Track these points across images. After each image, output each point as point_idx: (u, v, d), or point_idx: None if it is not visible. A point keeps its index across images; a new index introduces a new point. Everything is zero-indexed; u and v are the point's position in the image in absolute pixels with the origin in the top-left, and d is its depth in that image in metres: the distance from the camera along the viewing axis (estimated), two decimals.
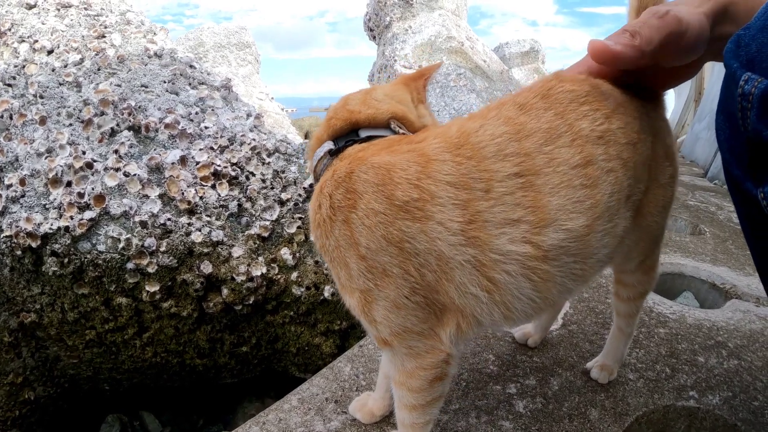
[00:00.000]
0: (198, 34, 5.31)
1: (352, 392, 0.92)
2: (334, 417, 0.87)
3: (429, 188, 0.53)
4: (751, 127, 0.47)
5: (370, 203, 0.54)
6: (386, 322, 0.57)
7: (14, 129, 1.48)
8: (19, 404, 1.58)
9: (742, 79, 0.47)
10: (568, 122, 0.58)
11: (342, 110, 0.64)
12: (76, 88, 1.47)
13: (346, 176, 0.57)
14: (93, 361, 1.51)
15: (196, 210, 1.21)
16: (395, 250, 0.54)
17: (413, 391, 0.62)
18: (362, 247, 0.55)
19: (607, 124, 0.60)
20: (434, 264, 0.54)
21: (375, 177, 0.54)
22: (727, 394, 1.02)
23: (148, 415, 1.68)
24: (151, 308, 1.27)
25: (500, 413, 0.88)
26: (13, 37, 1.69)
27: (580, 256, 0.57)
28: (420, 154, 0.56)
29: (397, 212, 0.53)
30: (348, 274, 0.57)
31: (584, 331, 1.14)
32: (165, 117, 1.31)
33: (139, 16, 1.64)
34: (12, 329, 1.48)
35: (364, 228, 0.54)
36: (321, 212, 0.58)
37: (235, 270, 1.19)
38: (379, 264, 0.55)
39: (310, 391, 0.92)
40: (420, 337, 0.58)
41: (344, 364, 0.99)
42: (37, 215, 1.32)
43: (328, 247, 0.59)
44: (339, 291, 0.62)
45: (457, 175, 0.54)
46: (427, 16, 2.95)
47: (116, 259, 1.24)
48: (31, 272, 1.38)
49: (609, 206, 0.58)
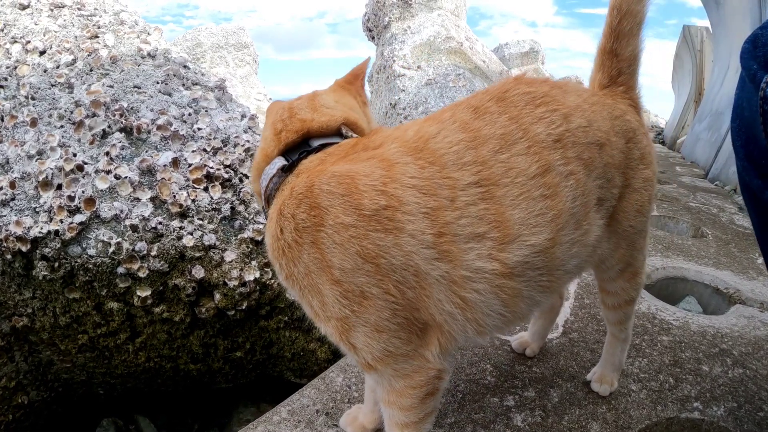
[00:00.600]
0: (196, 35, 5.26)
1: (344, 404, 0.88)
2: (324, 430, 0.83)
3: (396, 193, 0.50)
4: None
5: (338, 217, 0.50)
6: (367, 348, 0.53)
7: (5, 131, 1.44)
8: (12, 408, 1.55)
9: (764, 81, 0.43)
10: (523, 127, 0.55)
11: (293, 121, 0.59)
12: (68, 89, 1.44)
13: (307, 191, 0.52)
14: (86, 365, 1.47)
15: (188, 213, 1.18)
16: (372, 267, 0.50)
17: (404, 409, 0.58)
18: (336, 270, 0.50)
19: (566, 124, 0.57)
20: (412, 280, 0.51)
21: (339, 187, 0.50)
22: (732, 404, 0.98)
23: (143, 420, 1.64)
24: (143, 313, 1.24)
25: (498, 427, 0.84)
26: (5, 38, 1.65)
27: (546, 269, 0.56)
28: (381, 159, 0.53)
29: (368, 223, 0.49)
30: (321, 302, 0.52)
31: (585, 339, 1.10)
32: (157, 118, 1.27)
33: (133, 16, 1.60)
34: (4, 333, 1.45)
35: (336, 246, 0.50)
36: (284, 237, 0.52)
37: (227, 275, 1.15)
38: (355, 286, 0.50)
39: (301, 402, 0.88)
40: (405, 359, 0.54)
41: (336, 374, 0.95)
42: (27, 218, 1.28)
43: (296, 275, 0.53)
44: (312, 320, 0.57)
45: (421, 179, 0.51)
46: (426, 17, 2.90)
47: (107, 263, 1.20)
48: (22, 276, 1.34)
49: (573, 213, 0.56)
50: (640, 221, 0.71)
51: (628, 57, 0.70)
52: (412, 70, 2.64)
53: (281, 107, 0.62)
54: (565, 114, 0.58)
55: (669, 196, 2.77)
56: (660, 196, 2.71)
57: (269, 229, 0.56)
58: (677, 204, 2.58)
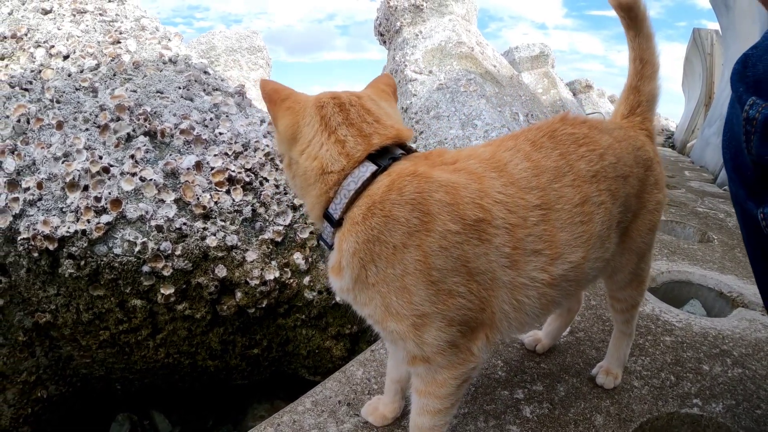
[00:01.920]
0: (210, 38, 5.41)
1: (364, 395, 0.96)
2: (346, 419, 0.91)
3: (489, 208, 0.60)
4: (754, 150, 0.50)
5: (446, 225, 0.57)
6: (435, 341, 0.61)
7: (31, 133, 1.53)
8: (31, 402, 1.63)
9: (747, 103, 0.50)
10: (570, 163, 0.67)
11: (385, 127, 0.63)
12: (92, 93, 1.52)
13: (419, 197, 0.57)
14: (106, 360, 1.56)
15: (211, 215, 1.26)
16: (465, 270, 0.59)
17: (440, 397, 0.67)
18: (435, 271, 0.58)
19: (600, 162, 0.70)
20: (489, 283, 0.61)
21: (446, 197, 0.58)
22: (731, 402, 1.05)
23: (158, 415, 1.73)
24: (165, 310, 1.32)
25: (508, 418, 0.92)
26: (29, 42, 1.74)
27: (575, 280, 0.68)
28: (470, 172, 0.62)
29: (469, 232, 0.58)
30: (407, 301, 0.59)
31: (591, 339, 1.18)
32: (180, 123, 1.36)
33: (153, 22, 1.69)
34: (26, 329, 1.53)
35: (441, 251, 0.57)
36: (388, 239, 0.57)
37: (248, 274, 1.24)
38: (447, 286, 0.59)
39: (324, 393, 0.97)
40: (457, 351, 0.63)
41: (356, 368, 1.03)
42: (54, 218, 1.37)
43: (388, 276, 0.58)
44: (377, 319, 0.63)
45: (506, 195, 0.61)
46: (438, 22, 3.00)
47: (132, 262, 1.28)
48: (48, 274, 1.42)
49: (600, 236, 0.68)
50: (651, 237, 0.85)
51: (647, 93, 0.86)
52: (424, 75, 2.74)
53: (349, 105, 0.63)
54: (601, 154, 0.70)
55: (677, 200, 2.84)
56: (668, 200, 2.79)
57: (355, 232, 0.59)
58: (685, 209, 2.66)
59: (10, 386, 1.57)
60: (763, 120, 0.48)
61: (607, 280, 0.89)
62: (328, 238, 0.65)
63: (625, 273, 0.85)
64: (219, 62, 5.17)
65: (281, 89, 0.67)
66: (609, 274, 0.85)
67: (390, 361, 0.86)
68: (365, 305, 0.63)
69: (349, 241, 0.60)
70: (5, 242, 1.40)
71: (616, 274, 0.85)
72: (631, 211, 0.77)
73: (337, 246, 0.63)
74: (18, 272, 1.43)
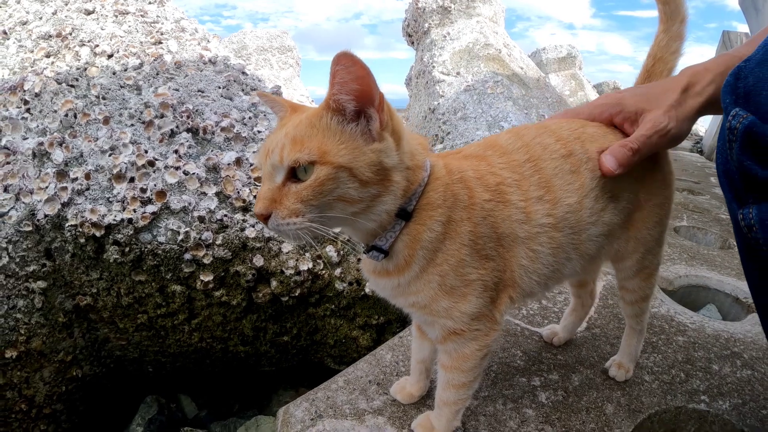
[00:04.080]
0: (241, 38, 5.67)
1: (393, 376, 1.09)
2: (376, 397, 1.04)
3: (499, 173, 0.75)
4: (735, 157, 0.60)
5: (482, 194, 0.72)
6: (472, 310, 0.73)
7: (78, 127, 1.69)
8: (66, 381, 1.79)
9: (730, 114, 0.60)
10: (552, 130, 0.82)
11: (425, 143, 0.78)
12: (137, 91, 1.68)
13: (462, 175, 0.72)
14: (141, 343, 1.71)
15: (249, 208, 1.40)
16: (495, 235, 0.73)
17: (465, 371, 0.79)
18: (479, 239, 0.71)
19: (582, 129, 0.83)
20: (510, 244, 0.74)
21: (473, 173, 0.73)
22: (737, 401, 1.15)
23: (185, 398, 1.88)
24: (203, 296, 1.47)
25: (524, 402, 1.04)
26: (74, 41, 1.91)
27: (576, 228, 0.79)
28: (472, 156, 0.78)
29: (496, 197, 0.72)
30: (461, 273, 0.71)
31: (606, 335, 1.30)
32: (221, 121, 1.51)
33: (192, 24, 1.85)
34: (67, 311, 1.69)
35: (482, 219, 0.71)
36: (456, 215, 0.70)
37: (284, 264, 1.38)
38: (485, 252, 0.72)
39: (355, 374, 1.10)
40: (483, 320, 0.76)
41: (386, 351, 1.16)
42: (101, 207, 1.52)
43: (451, 253, 0.70)
44: (426, 303, 0.73)
45: (503, 162, 0.77)
46: (465, 23, 3.12)
47: (175, 249, 1.43)
48: (92, 259, 1.58)
49: (592, 188, 0.80)
50: (658, 231, 0.93)
51: None
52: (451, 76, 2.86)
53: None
54: (583, 123, 0.85)
55: (701, 207, 2.92)
56: (691, 206, 2.87)
57: (435, 216, 0.68)
58: (708, 215, 2.74)
59: (47, 365, 1.73)
60: (743, 129, 0.57)
61: (615, 265, 0.98)
62: (386, 243, 0.69)
63: (633, 261, 0.94)
64: (250, 61, 5.38)
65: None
66: (614, 257, 0.94)
67: (414, 343, 0.99)
68: (418, 292, 0.72)
69: (429, 226, 0.68)
70: (52, 228, 1.55)
71: (623, 261, 0.94)
72: (631, 192, 0.86)
73: (407, 241, 0.69)
74: (63, 257, 1.59)
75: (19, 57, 1.93)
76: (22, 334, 1.58)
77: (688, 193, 3.35)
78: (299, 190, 0.61)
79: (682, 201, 3.03)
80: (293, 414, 1.00)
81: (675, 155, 5.78)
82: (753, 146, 0.57)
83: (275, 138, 0.64)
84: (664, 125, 0.77)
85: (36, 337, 1.64)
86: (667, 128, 0.77)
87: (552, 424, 0.99)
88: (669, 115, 0.78)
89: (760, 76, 0.57)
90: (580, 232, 0.80)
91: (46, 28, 1.98)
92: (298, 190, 0.61)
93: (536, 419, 1.00)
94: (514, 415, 1.01)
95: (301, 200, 0.60)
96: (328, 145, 0.61)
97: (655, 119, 0.78)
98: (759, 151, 0.57)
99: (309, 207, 0.61)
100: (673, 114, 0.78)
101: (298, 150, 0.60)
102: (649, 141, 0.78)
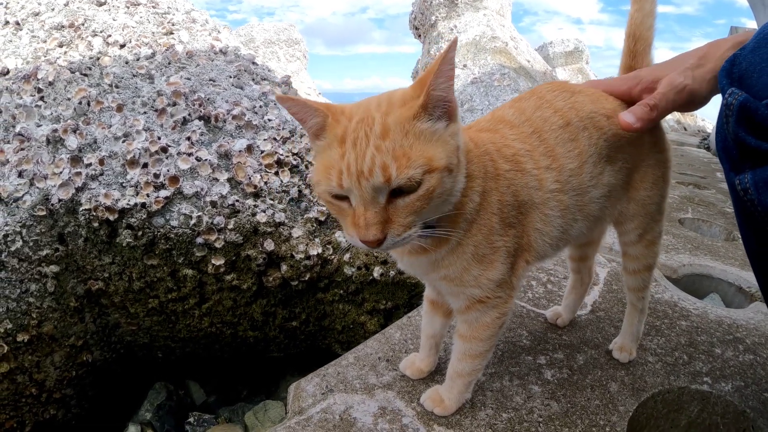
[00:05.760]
0: (249, 31, 5.76)
1: (402, 353, 1.14)
2: (386, 373, 1.09)
3: (511, 144, 0.81)
4: (731, 129, 0.67)
5: (503, 165, 0.77)
6: (497, 277, 0.78)
7: (92, 114, 1.74)
8: (76, 365, 1.84)
9: (726, 93, 0.67)
10: (548, 100, 0.87)
11: None
12: (149, 80, 1.73)
13: (486, 148, 0.77)
14: (151, 328, 1.76)
15: (260, 193, 1.45)
16: (516, 203, 0.78)
17: (483, 339, 0.85)
18: (505, 208, 0.76)
19: (574, 97, 0.88)
20: (528, 210, 0.79)
21: (492, 146, 0.79)
22: (740, 383, 1.19)
23: (193, 385, 1.93)
24: (214, 280, 1.52)
25: (530, 379, 1.08)
26: (86, 32, 1.97)
27: (579, 190, 0.85)
28: (487, 129, 0.84)
29: (514, 166, 0.78)
30: (490, 241, 0.76)
31: (611, 318, 1.34)
32: (232, 109, 1.56)
33: (203, 15, 1.90)
34: (78, 295, 1.74)
35: (506, 188, 0.77)
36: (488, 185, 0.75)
37: (294, 248, 1.43)
38: (508, 220, 0.77)
39: (365, 351, 1.15)
40: (504, 287, 0.81)
41: (395, 330, 1.21)
42: (115, 192, 1.57)
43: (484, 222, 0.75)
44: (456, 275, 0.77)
45: (513, 133, 0.83)
46: (472, 16, 3.18)
47: (187, 233, 1.48)
48: (105, 243, 1.63)
49: (591, 154, 0.86)
50: (656, 194, 0.97)
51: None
52: (458, 69, 2.92)
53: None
54: (573, 91, 0.90)
55: (706, 200, 2.96)
56: (697, 200, 2.92)
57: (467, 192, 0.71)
58: (713, 209, 2.78)
59: (58, 349, 1.78)
60: (738, 105, 0.64)
61: (619, 229, 1.02)
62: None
63: (635, 224, 0.98)
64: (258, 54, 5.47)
65: None
66: (617, 219, 0.99)
67: (425, 318, 1.03)
68: (452, 264, 0.75)
69: (470, 197, 0.72)
70: (66, 213, 1.61)
71: (626, 223, 0.99)
72: (626, 153, 0.91)
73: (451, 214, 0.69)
74: (76, 241, 1.64)
75: (32, 47, 1.98)
76: (34, 318, 1.63)
77: (694, 187, 3.39)
78: (410, 203, 0.60)
79: (688, 195, 3.07)
80: (305, 389, 1.05)
81: (682, 151, 5.82)
82: (747, 120, 0.64)
83: (360, 155, 0.59)
84: (680, 82, 0.81)
85: (47, 321, 1.69)
86: (684, 84, 0.81)
87: (557, 400, 1.03)
88: (685, 74, 0.81)
89: (752, 60, 0.65)
90: (583, 194, 0.86)
91: (58, 18, 2.03)
92: (410, 203, 0.60)
93: (542, 395, 1.04)
94: (520, 390, 1.05)
95: (413, 212, 0.61)
96: (430, 150, 0.60)
97: (671, 78, 0.82)
98: (752, 124, 0.63)
99: (420, 215, 0.62)
100: (689, 74, 0.81)
101: (407, 166, 0.58)
102: (665, 97, 0.82)
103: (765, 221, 0.64)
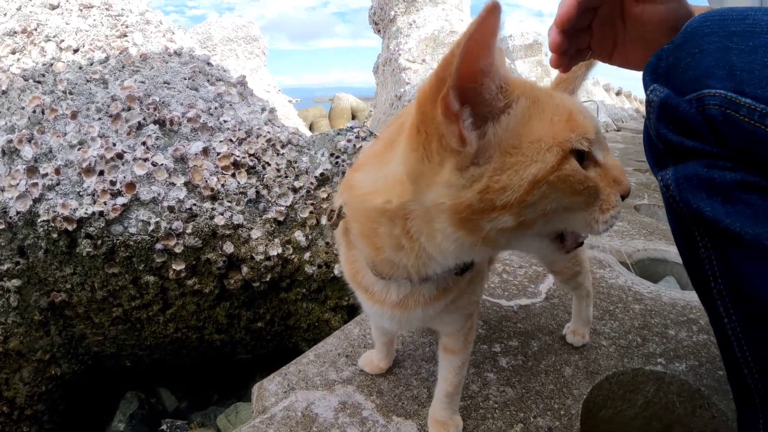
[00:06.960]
0: (206, 28, 5.67)
1: (361, 349, 1.16)
2: (345, 368, 1.11)
3: None
4: (653, 125, 0.68)
5: None
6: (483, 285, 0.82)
7: (46, 123, 1.72)
8: (45, 380, 1.82)
9: (649, 89, 0.68)
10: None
11: None
12: (103, 84, 1.72)
13: None
14: (117, 337, 1.75)
15: (218, 196, 1.46)
16: None
17: (471, 342, 0.86)
18: None
19: None
20: None
21: None
22: (694, 363, 1.24)
23: (164, 392, 1.93)
24: (176, 285, 1.52)
25: (486, 366, 1.12)
26: (39, 37, 1.94)
27: None
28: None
29: None
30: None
31: (564, 305, 1.38)
32: (187, 112, 1.56)
33: (157, 16, 1.89)
34: (42, 308, 1.72)
35: None
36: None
37: (254, 250, 1.44)
38: None
39: (325, 348, 1.17)
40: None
41: (353, 326, 1.23)
42: (72, 201, 1.56)
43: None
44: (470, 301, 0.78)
45: None
46: (431, 11, 3.22)
47: (146, 240, 1.48)
48: (65, 254, 1.62)
49: None
50: None
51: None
52: (417, 64, 2.95)
53: None
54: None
55: None
56: (653, 187, 3.01)
57: None
58: None
59: (25, 365, 1.76)
60: (659, 102, 0.66)
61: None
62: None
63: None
64: (216, 52, 5.41)
65: None
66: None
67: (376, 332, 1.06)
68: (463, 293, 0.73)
69: None
70: (25, 225, 1.59)
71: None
72: None
73: None
74: (36, 254, 1.62)
75: None
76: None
77: (651, 174, 3.48)
78: None
79: (645, 181, 3.16)
80: (267, 388, 1.07)
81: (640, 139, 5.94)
82: (668, 116, 0.65)
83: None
84: None
85: (13, 336, 1.67)
86: None
87: (512, 386, 1.07)
88: None
89: (677, 56, 0.66)
90: None
91: (11, 24, 2.00)
92: None
93: (497, 382, 1.07)
94: (476, 379, 1.08)
95: None
96: None
97: None
98: (674, 120, 0.65)
99: None
100: None
101: None
102: None
103: (687, 218, 0.65)
